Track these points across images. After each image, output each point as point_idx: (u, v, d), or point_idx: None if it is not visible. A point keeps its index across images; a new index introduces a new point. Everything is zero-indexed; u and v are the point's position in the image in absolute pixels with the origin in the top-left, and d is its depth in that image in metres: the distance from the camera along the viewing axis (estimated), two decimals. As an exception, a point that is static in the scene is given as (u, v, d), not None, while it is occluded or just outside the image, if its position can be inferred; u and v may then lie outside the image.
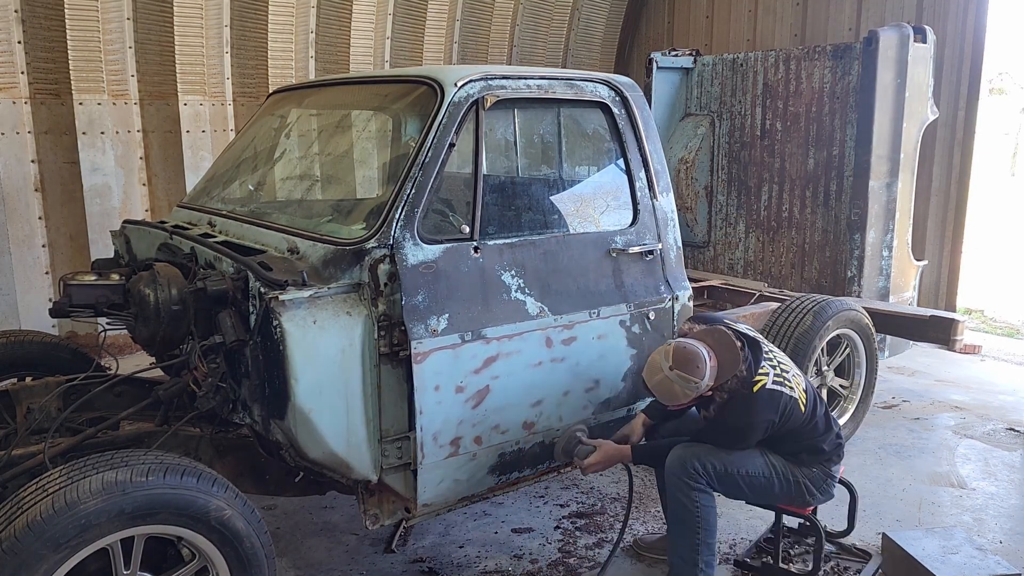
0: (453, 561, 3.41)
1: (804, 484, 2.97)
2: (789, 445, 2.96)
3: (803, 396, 2.92)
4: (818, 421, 2.97)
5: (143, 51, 6.08)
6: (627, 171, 3.29)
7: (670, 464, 2.90)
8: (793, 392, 2.88)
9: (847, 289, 5.13)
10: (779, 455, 2.97)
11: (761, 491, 2.98)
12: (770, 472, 2.95)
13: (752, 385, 2.82)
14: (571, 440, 3.10)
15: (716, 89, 5.91)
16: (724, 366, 2.78)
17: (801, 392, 2.92)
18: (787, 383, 2.89)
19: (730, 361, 2.79)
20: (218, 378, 2.64)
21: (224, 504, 2.32)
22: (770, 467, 2.95)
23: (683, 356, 2.74)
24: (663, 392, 2.80)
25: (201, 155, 6.41)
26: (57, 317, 3.01)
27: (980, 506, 3.94)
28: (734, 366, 2.79)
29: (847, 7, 7.44)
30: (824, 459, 2.99)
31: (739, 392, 2.81)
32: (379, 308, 2.62)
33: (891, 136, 4.98)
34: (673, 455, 2.91)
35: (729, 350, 2.80)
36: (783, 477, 2.96)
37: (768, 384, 2.83)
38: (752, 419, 2.83)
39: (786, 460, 2.97)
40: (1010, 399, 5.47)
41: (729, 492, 2.96)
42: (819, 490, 3.01)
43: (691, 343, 2.79)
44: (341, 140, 3.87)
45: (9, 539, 2.04)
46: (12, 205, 5.71)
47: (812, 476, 2.98)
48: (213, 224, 3.30)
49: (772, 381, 2.85)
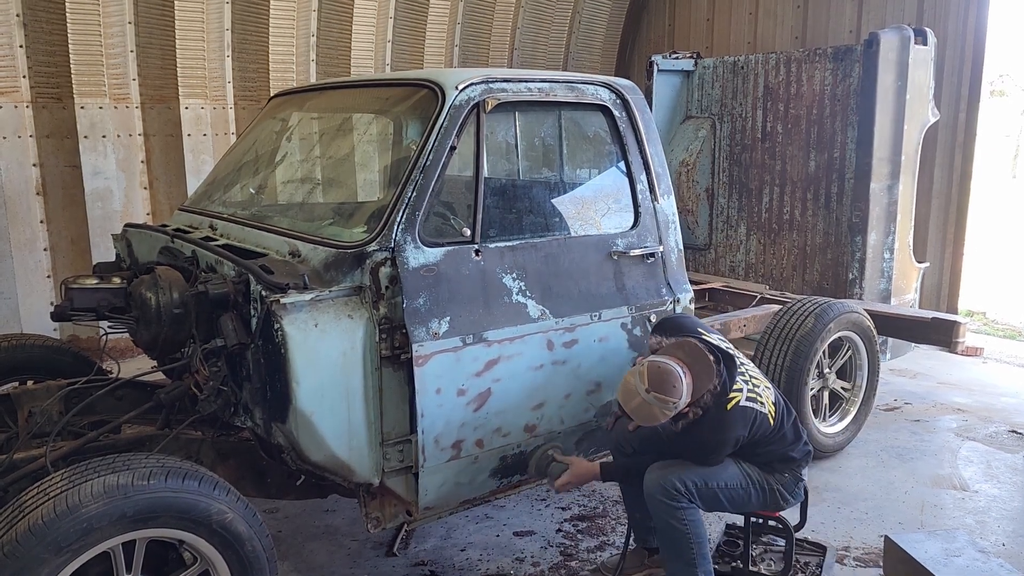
0: (455, 564, 3.40)
1: (779, 491, 2.97)
2: (761, 456, 2.94)
3: (772, 410, 2.88)
4: (786, 432, 2.94)
5: (144, 55, 6.09)
6: (628, 174, 3.29)
7: (649, 488, 2.83)
8: (764, 407, 2.84)
9: (849, 291, 5.13)
10: (753, 465, 2.95)
11: (740, 502, 2.96)
12: (747, 483, 2.92)
13: (726, 403, 2.75)
14: (544, 458, 3.07)
15: (717, 91, 5.91)
16: (699, 382, 2.69)
17: (771, 406, 2.89)
18: (759, 398, 2.84)
19: (704, 376, 2.70)
20: (219, 381, 2.64)
21: (226, 507, 2.32)
22: (747, 477, 2.93)
23: (658, 377, 2.64)
24: (642, 416, 2.70)
25: (202, 159, 6.42)
26: (59, 321, 3.02)
27: (983, 508, 3.93)
28: (708, 381, 2.71)
29: (848, 9, 7.44)
30: (795, 466, 2.99)
31: (712, 408, 2.75)
32: (380, 311, 2.62)
33: (892, 138, 4.98)
34: (651, 478, 2.84)
35: (702, 364, 2.71)
36: (759, 486, 2.94)
37: (742, 401, 2.77)
38: (724, 436, 2.78)
39: (760, 469, 2.96)
40: (1012, 401, 5.46)
41: (710, 506, 2.91)
42: (791, 495, 3.01)
43: (664, 361, 2.68)
44: (342, 143, 3.88)
45: (11, 543, 2.04)
46: (14, 209, 5.72)
47: (785, 482, 2.98)
48: (214, 227, 3.30)
49: (746, 397, 2.79)
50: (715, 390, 2.73)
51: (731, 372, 2.80)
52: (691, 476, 2.81)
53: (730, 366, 2.80)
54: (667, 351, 2.77)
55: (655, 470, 2.85)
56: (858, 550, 3.53)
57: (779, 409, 2.93)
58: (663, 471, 2.83)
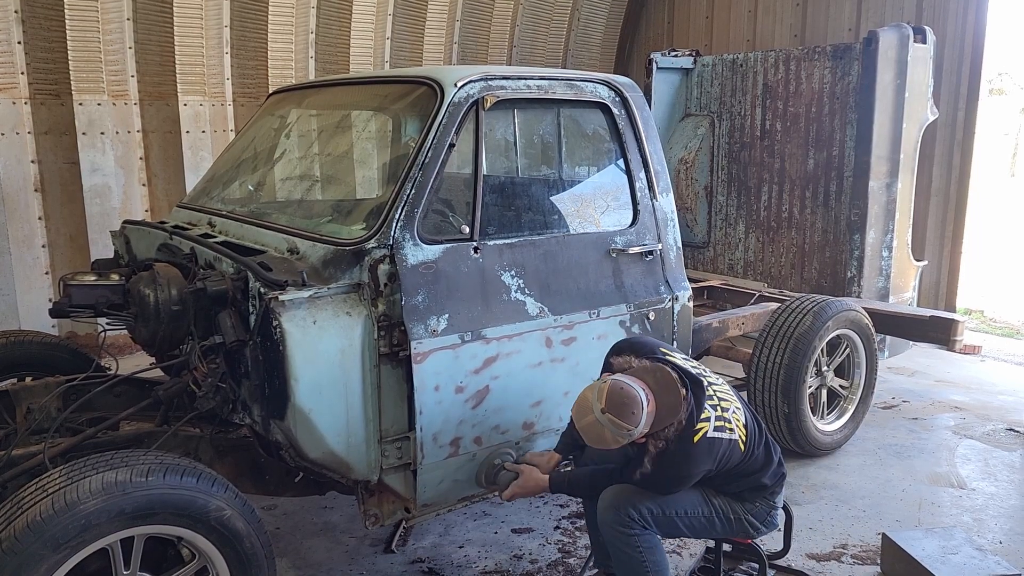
0: (453, 561, 3.41)
1: (746, 519, 2.78)
2: (730, 486, 2.76)
3: (743, 434, 2.66)
4: (757, 457, 2.73)
5: (143, 51, 6.08)
6: (627, 171, 3.29)
7: (603, 513, 2.66)
8: (733, 434, 2.62)
9: (847, 289, 5.13)
10: (719, 493, 2.77)
11: (701, 530, 2.77)
12: (710, 511, 2.74)
13: (693, 435, 2.53)
14: (492, 467, 2.98)
15: (716, 89, 5.91)
16: (663, 412, 2.47)
17: (741, 431, 2.66)
18: (727, 424, 2.62)
19: (670, 407, 2.47)
20: (218, 378, 2.64)
21: (224, 504, 2.32)
22: (709, 506, 2.74)
23: (618, 399, 2.41)
24: (592, 436, 2.47)
25: (201, 155, 6.41)
26: (57, 317, 3.01)
27: (980, 506, 3.94)
28: (674, 413, 2.48)
29: (847, 7, 7.44)
30: (767, 493, 2.80)
31: (676, 442, 2.52)
32: (379, 308, 2.62)
33: (891, 136, 4.99)
34: (603, 504, 2.66)
35: (671, 394, 2.48)
36: (723, 516, 2.76)
37: (709, 432, 2.55)
38: (688, 470, 2.57)
39: (727, 498, 2.78)
40: (1010, 399, 5.47)
41: (668, 533, 2.73)
42: (762, 523, 2.82)
43: (629, 383, 2.45)
44: (341, 140, 3.87)
45: (9, 539, 2.04)
46: (12, 205, 5.71)
47: (755, 511, 2.79)
48: (213, 224, 3.30)
49: (713, 428, 2.56)
50: (680, 424, 2.51)
51: (699, 400, 2.57)
52: (647, 503, 2.62)
53: (698, 393, 2.57)
54: (636, 373, 2.54)
55: (610, 495, 2.67)
56: (855, 548, 3.54)
57: (750, 431, 2.71)
58: (618, 496, 2.65)
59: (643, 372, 2.54)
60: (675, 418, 2.49)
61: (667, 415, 2.48)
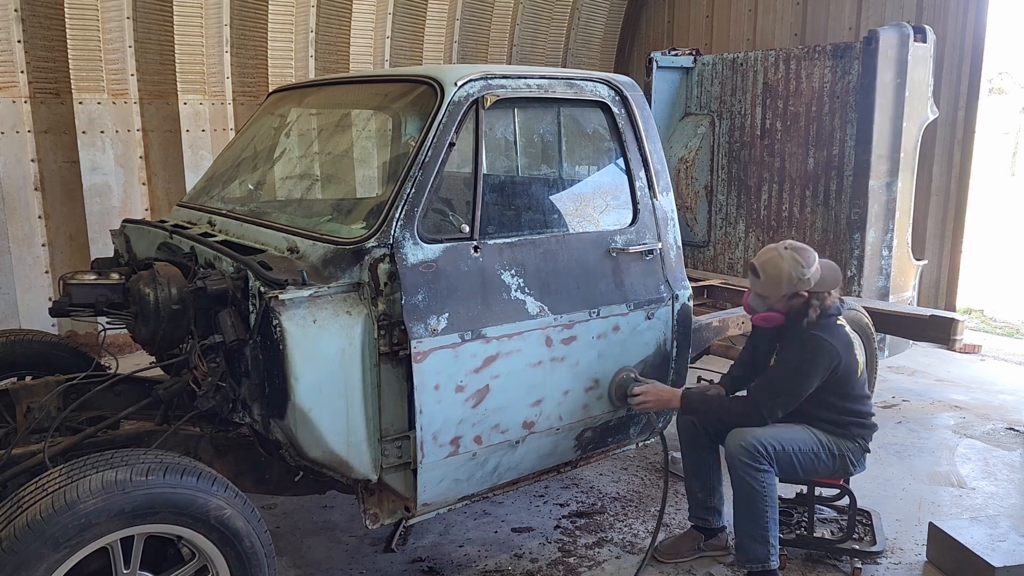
0: (453, 560, 3.41)
1: (848, 457, 3.15)
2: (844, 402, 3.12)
3: (862, 363, 3.16)
4: (864, 383, 3.19)
5: (143, 50, 6.08)
6: (627, 170, 3.29)
7: (732, 449, 3.01)
8: (859, 351, 3.13)
9: (847, 288, 5.13)
10: (824, 431, 3.13)
11: (811, 468, 3.12)
12: (818, 448, 3.10)
13: (836, 321, 3.07)
14: (626, 380, 3.19)
15: (716, 88, 5.91)
16: (827, 276, 3.04)
17: (862, 362, 3.16)
18: (854, 343, 3.12)
19: (831, 280, 3.05)
20: (218, 377, 2.63)
21: (224, 503, 2.32)
22: (818, 443, 3.11)
23: (800, 245, 3.05)
24: (769, 270, 3.01)
25: (201, 154, 6.41)
26: (57, 316, 3.01)
27: (980, 505, 3.94)
28: (833, 284, 3.05)
29: (847, 6, 7.44)
30: (866, 432, 3.19)
31: (823, 318, 3.03)
32: (379, 307, 2.62)
33: (891, 135, 4.98)
34: (733, 440, 3.03)
35: (832, 272, 3.08)
36: (829, 451, 3.12)
37: (847, 327, 3.10)
38: (823, 355, 2.98)
39: (830, 435, 3.13)
40: (1010, 399, 5.47)
41: (784, 471, 3.07)
42: (858, 462, 3.20)
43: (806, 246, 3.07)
44: (341, 139, 3.87)
45: (9, 538, 2.04)
46: (12, 204, 5.71)
47: (853, 449, 3.16)
48: (213, 223, 3.30)
49: (850, 330, 3.13)
50: (834, 300, 3.07)
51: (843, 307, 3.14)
52: (770, 439, 3.00)
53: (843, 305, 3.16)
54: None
55: (737, 433, 3.04)
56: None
57: (862, 364, 3.17)
58: (745, 432, 3.02)
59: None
60: (835, 286, 3.07)
61: (829, 282, 3.05)
